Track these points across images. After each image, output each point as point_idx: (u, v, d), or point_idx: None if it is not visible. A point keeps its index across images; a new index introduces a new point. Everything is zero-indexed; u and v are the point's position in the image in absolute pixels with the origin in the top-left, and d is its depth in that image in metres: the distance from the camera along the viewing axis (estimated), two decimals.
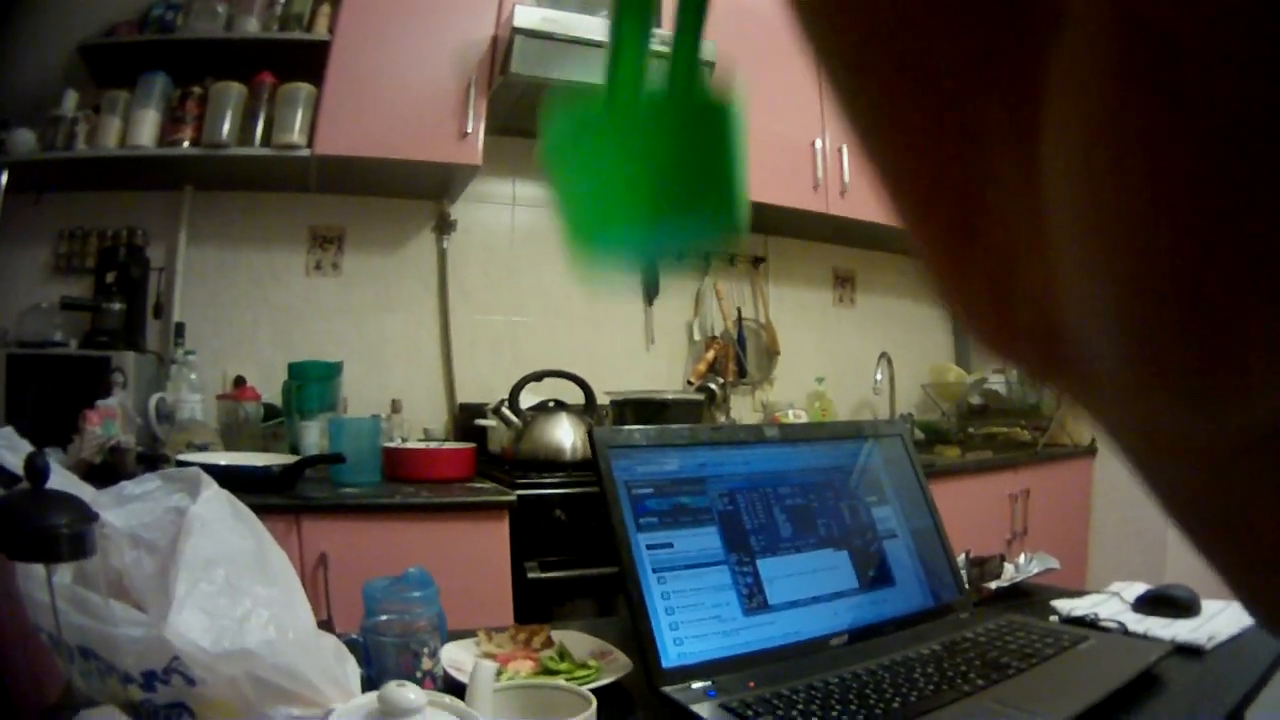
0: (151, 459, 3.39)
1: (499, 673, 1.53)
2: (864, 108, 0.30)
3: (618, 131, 0.70)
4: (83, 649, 1.19)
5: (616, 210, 0.71)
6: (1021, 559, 2.42)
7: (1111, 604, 2.15)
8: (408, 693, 1.18)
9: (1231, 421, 0.27)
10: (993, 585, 2.27)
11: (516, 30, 4.03)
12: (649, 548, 1.59)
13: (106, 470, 3.12)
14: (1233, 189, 0.22)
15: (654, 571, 1.57)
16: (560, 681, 1.49)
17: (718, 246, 1.06)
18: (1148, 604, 2.11)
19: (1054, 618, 2.07)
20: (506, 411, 3.98)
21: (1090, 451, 5.61)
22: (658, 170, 0.70)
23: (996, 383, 5.61)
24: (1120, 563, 5.16)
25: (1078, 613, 2.07)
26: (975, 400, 5.69)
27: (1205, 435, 0.28)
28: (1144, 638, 1.90)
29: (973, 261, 0.32)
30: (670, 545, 1.62)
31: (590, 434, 1.69)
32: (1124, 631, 1.95)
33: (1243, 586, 0.36)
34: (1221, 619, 2.01)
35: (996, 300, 0.32)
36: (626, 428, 2.05)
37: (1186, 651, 1.83)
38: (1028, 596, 2.29)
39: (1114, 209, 0.24)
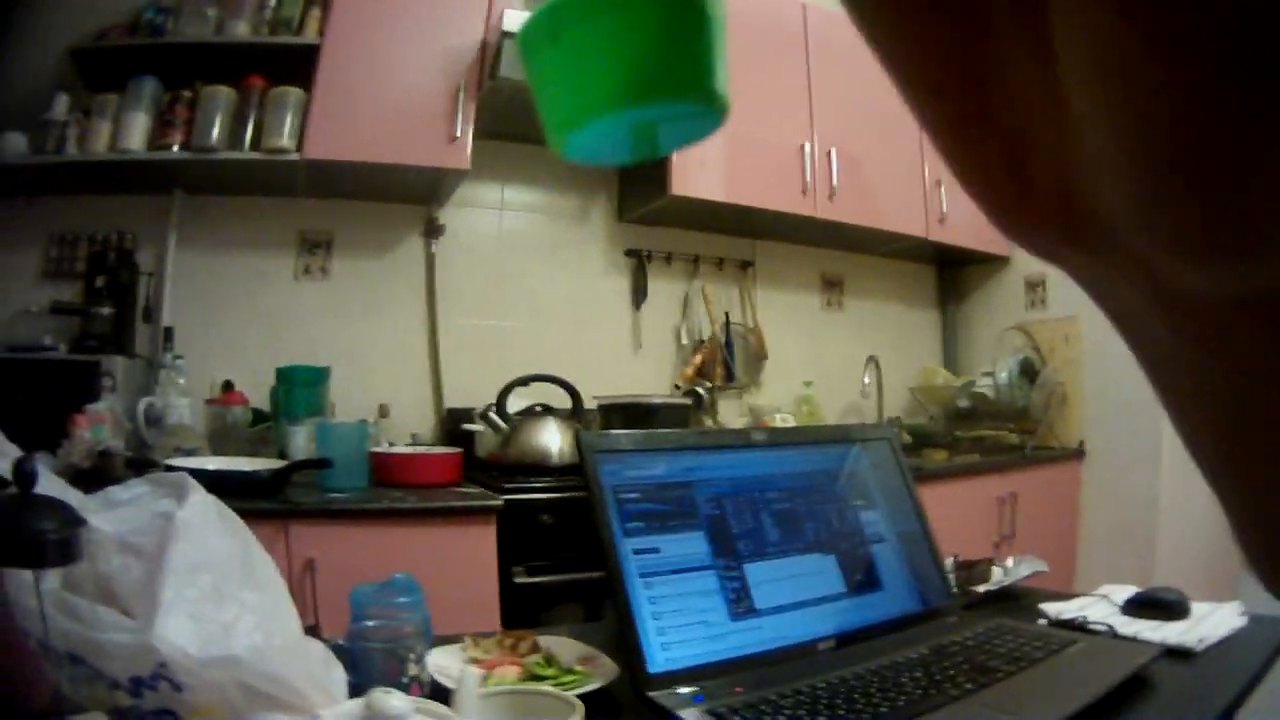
0: (140, 464, 3.39)
1: (485, 679, 1.53)
2: None
3: (596, 14, 0.70)
4: (71, 655, 1.19)
5: (596, 94, 0.71)
6: (1009, 562, 2.41)
7: (1100, 607, 2.15)
8: (393, 699, 1.18)
9: (1237, 279, 0.28)
10: (981, 589, 2.26)
11: (506, 34, 4.03)
12: (636, 553, 1.59)
13: (95, 475, 3.12)
14: (1240, 30, 0.23)
15: (641, 576, 1.57)
16: (546, 687, 1.49)
17: (701, 130, 1.04)
18: (1137, 606, 2.10)
19: (1042, 621, 2.06)
20: (494, 416, 3.99)
21: (1078, 454, 5.62)
22: (636, 52, 0.70)
23: (984, 386, 5.62)
24: (1109, 565, 5.16)
25: (1066, 615, 2.06)
26: (963, 403, 5.70)
27: (1210, 294, 0.30)
28: (1133, 640, 1.89)
29: (988, 137, 0.32)
30: (657, 550, 1.62)
31: (578, 439, 1.69)
32: (1113, 634, 1.94)
33: (1233, 490, 0.37)
34: (1211, 621, 2.00)
35: (1012, 174, 0.32)
36: (614, 432, 2.05)
37: (1176, 654, 1.82)
38: (1016, 600, 2.28)
39: (1128, 62, 0.25)
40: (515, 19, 4.04)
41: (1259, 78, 0.23)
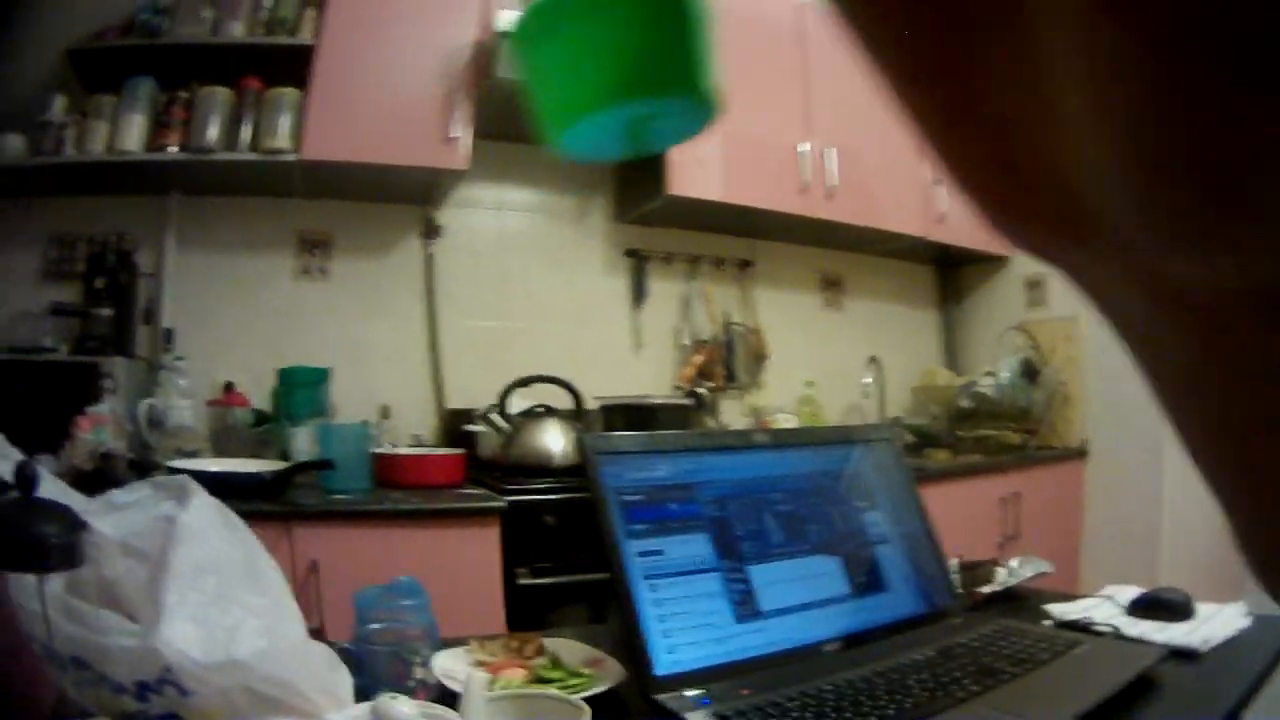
0: (142, 466, 3.39)
1: (491, 682, 1.53)
2: None
3: (590, 12, 0.70)
4: (75, 659, 1.19)
5: (591, 90, 0.72)
6: (1013, 563, 2.41)
7: (1105, 608, 2.15)
8: (400, 704, 1.18)
9: (1235, 272, 0.28)
10: (985, 590, 2.26)
11: (502, 34, 4.03)
12: (640, 555, 1.59)
13: (98, 477, 3.12)
14: (1230, 16, 0.23)
15: (645, 579, 1.57)
16: (553, 690, 1.49)
17: (693, 127, 1.04)
18: (1141, 607, 2.10)
19: (1047, 622, 2.07)
20: (495, 417, 4.00)
21: (1080, 454, 5.63)
22: (630, 49, 0.71)
23: (986, 385, 5.62)
24: (1113, 566, 5.16)
25: (1071, 617, 2.06)
26: (965, 403, 5.68)
27: (1208, 289, 0.29)
28: (1138, 642, 1.89)
29: (975, 134, 0.32)
30: (661, 552, 1.62)
31: (580, 441, 1.69)
32: (1118, 636, 1.94)
33: (1236, 496, 0.37)
34: (1216, 622, 2.00)
35: (1002, 172, 0.32)
36: (616, 434, 2.05)
37: (1181, 655, 1.82)
38: (1020, 601, 2.28)
39: (1115, 55, 0.25)
40: (511, 19, 4.03)
41: (1252, 65, 0.23)
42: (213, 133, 4.00)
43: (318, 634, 1.44)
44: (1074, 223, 0.31)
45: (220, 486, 1.54)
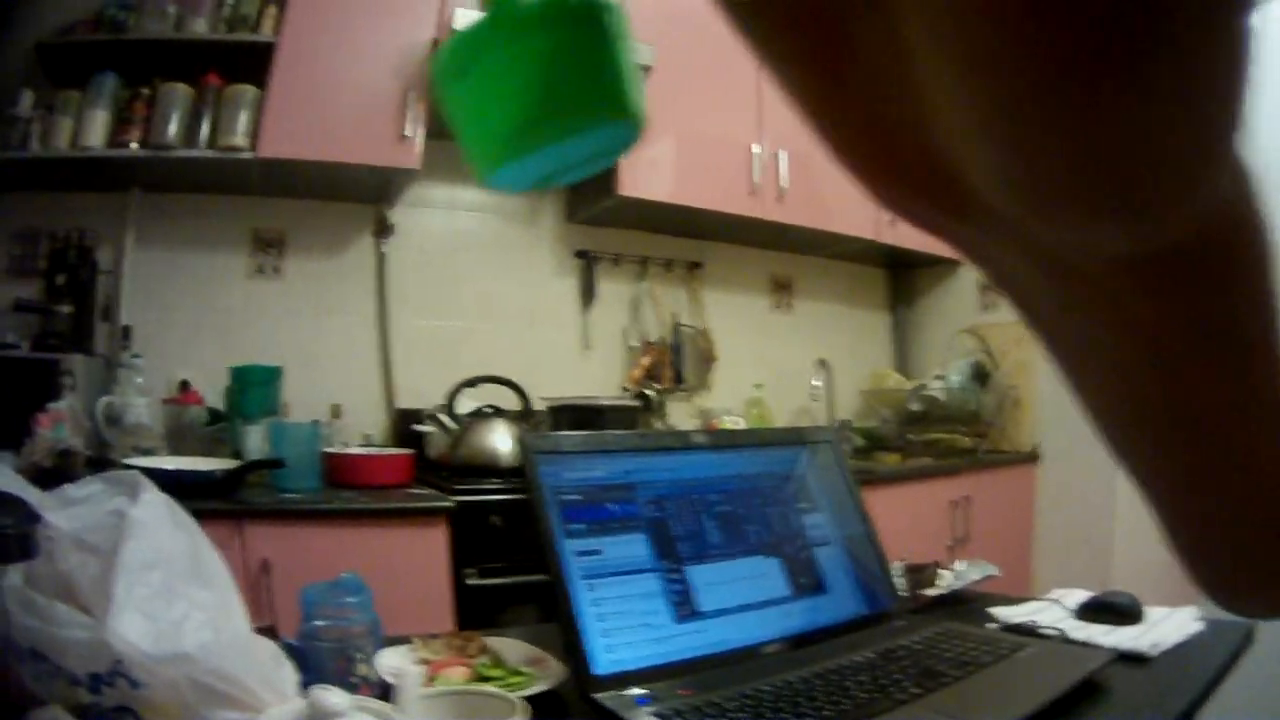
0: (100, 463, 3.38)
1: (432, 679, 1.54)
2: None
3: (503, 42, 0.71)
4: (33, 651, 1.20)
5: (511, 132, 0.72)
6: (959, 565, 2.42)
7: (1052, 611, 2.16)
8: (333, 696, 1.19)
9: (1112, 239, 0.29)
10: (930, 593, 2.26)
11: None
12: (578, 555, 1.61)
13: (56, 474, 3.09)
14: None
15: (584, 579, 1.59)
16: (489, 688, 1.51)
17: (616, 150, 1.04)
18: (1089, 611, 2.11)
19: (992, 625, 2.07)
20: (443, 417, 4.01)
21: (1032, 458, 5.65)
22: (545, 83, 0.71)
23: (936, 389, 5.63)
24: (1065, 569, 5.18)
25: (1016, 620, 2.07)
26: (915, 406, 5.69)
27: (1087, 255, 0.31)
28: (1085, 645, 1.89)
29: (850, 110, 0.33)
30: (599, 552, 1.64)
31: (519, 440, 1.70)
32: (1064, 639, 1.95)
33: (1151, 484, 0.39)
34: (1167, 625, 2.01)
35: (876, 142, 0.33)
36: (555, 434, 2.05)
37: (1131, 659, 1.82)
38: (967, 604, 2.29)
39: (973, 41, 0.25)
40: (466, 18, 4.05)
41: (1103, 49, 0.24)
42: (172, 129, 3.99)
43: (270, 632, 1.45)
44: (954, 197, 0.32)
45: (173, 485, 1.55)
